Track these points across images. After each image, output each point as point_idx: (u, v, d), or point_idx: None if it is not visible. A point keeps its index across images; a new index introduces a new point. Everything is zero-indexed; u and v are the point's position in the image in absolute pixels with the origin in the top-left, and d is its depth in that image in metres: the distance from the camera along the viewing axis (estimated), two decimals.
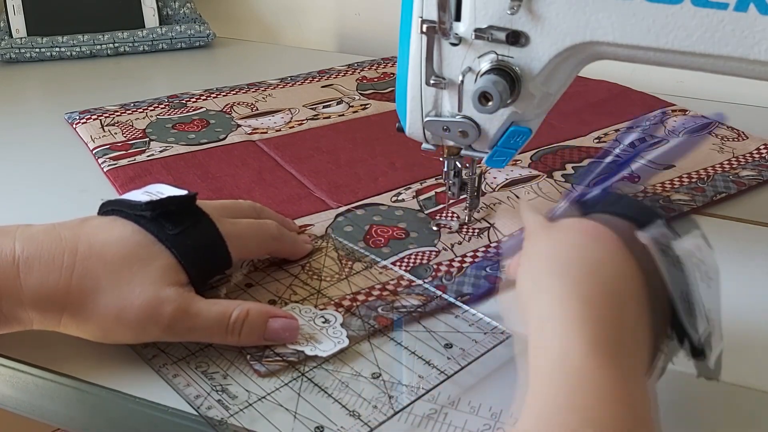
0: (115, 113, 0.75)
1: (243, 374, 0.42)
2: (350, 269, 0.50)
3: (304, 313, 0.46)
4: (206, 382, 0.41)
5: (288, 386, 0.41)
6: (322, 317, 0.45)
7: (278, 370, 0.42)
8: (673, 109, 0.77)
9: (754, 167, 0.64)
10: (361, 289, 0.48)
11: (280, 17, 1.08)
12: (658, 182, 0.61)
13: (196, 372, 0.42)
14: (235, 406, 0.39)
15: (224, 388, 0.41)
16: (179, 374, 0.42)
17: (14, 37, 0.90)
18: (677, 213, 0.57)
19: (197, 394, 0.40)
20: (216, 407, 0.39)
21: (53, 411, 0.43)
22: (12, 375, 0.43)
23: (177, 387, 0.41)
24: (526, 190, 0.61)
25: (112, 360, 0.44)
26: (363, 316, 0.45)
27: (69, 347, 0.44)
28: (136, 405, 0.41)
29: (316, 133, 0.72)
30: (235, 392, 0.40)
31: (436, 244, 0.53)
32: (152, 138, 0.70)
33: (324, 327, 0.45)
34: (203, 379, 0.41)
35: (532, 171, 0.64)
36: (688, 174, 0.63)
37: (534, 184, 0.62)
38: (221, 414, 0.39)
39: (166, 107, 0.77)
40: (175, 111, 0.76)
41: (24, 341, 0.45)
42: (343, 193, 0.60)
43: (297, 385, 0.41)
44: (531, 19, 0.44)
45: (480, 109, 0.46)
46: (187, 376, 0.41)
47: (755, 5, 0.40)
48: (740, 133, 0.70)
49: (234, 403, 0.40)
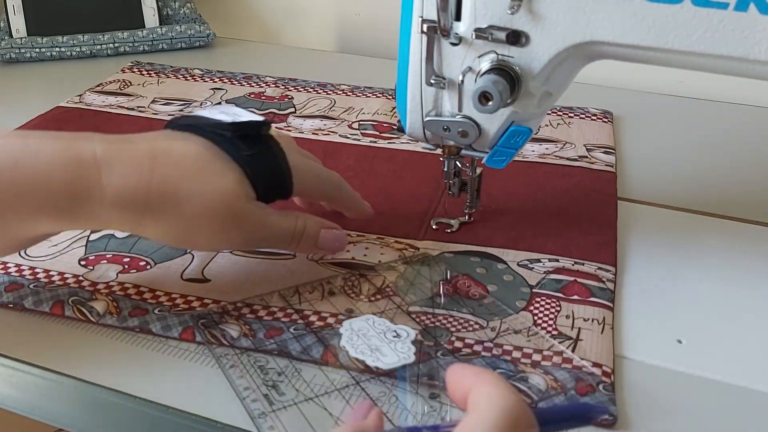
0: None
1: (298, 374, 0.42)
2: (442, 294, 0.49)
3: (378, 325, 0.45)
4: (260, 376, 0.41)
5: (339, 392, 0.40)
6: (395, 332, 0.45)
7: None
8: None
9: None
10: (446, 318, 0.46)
11: (280, 17, 1.08)
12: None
13: (254, 366, 0.42)
14: (279, 403, 0.39)
15: (275, 384, 0.41)
16: (237, 365, 0.42)
17: (14, 37, 0.90)
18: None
19: (247, 385, 0.40)
20: (261, 400, 0.39)
21: (53, 411, 0.43)
22: (12, 375, 0.43)
23: (230, 377, 0.41)
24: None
25: (112, 360, 0.44)
26: (437, 336, 0.44)
27: (69, 347, 0.44)
28: (136, 405, 0.41)
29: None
30: (285, 389, 0.40)
31: (493, 324, 0.46)
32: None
33: (393, 341, 0.44)
34: (258, 373, 0.41)
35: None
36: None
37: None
38: (264, 408, 0.39)
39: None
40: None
41: (24, 341, 0.45)
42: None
43: (348, 392, 0.40)
44: (531, 19, 0.44)
45: (480, 108, 0.46)
46: (244, 369, 0.42)
47: (755, 5, 0.40)
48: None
49: (280, 400, 0.39)
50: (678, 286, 0.51)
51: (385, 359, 0.42)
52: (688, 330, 0.47)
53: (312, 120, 0.74)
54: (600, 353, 0.44)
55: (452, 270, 0.51)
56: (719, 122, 0.77)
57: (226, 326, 0.45)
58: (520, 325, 0.46)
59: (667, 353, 0.45)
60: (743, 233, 0.57)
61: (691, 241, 0.56)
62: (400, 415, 0.39)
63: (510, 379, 0.42)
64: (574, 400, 0.40)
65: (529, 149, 0.69)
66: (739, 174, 0.67)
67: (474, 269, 0.51)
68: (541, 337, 0.45)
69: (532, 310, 0.48)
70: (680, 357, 0.45)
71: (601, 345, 0.45)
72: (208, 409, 0.40)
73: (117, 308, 0.46)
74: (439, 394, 0.40)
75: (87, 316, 0.46)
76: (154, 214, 0.42)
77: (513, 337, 0.45)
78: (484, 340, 0.45)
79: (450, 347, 0.44)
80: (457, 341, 0.45)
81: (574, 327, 0.46)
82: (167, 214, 0.43)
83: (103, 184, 0.41)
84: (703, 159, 0.69)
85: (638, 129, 0.74)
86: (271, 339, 0.44)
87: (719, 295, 0.50)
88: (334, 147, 0.69)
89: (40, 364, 0.43)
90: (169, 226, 0.43)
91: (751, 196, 0.62)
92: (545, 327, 0.46)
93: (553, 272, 0.51)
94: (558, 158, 0.67)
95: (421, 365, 0.42)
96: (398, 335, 0.44)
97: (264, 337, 0.45)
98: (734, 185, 0.65)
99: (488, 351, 0.44)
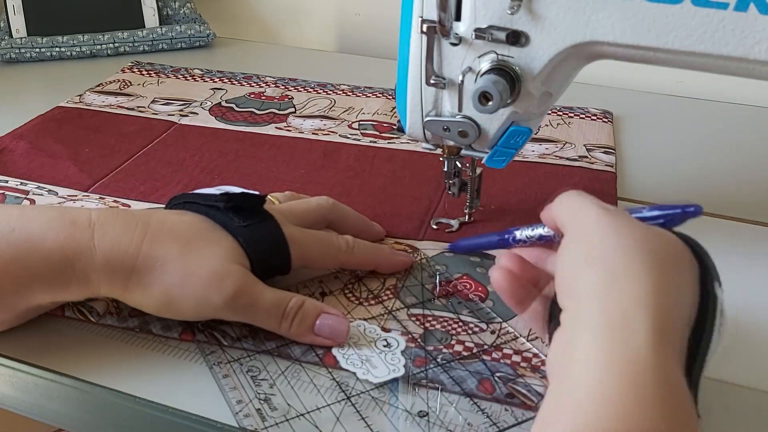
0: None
1: (290, 387, 0.41)
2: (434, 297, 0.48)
3: (369, 332, 0.45)
4: (252, 388, 0.41)
5: (330, 407, 0.40)
6: (385, 340, 0.44)
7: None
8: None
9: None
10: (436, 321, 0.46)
11: (280, 17, 1.08)
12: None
13: (246, 376, 0.42)
14: (271, 419, 0.39)
15: (267, 398, 0.40)
16: (230, 375, 0.42)
17: (14, 37, 0.90)
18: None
19: (240, 399, 0.40)
20: (253, 416, 0.39)
21: (53, 411, 0.43)
22: (12, 375, 0.43)
23: (223, 388, 0.41)
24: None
25: (112, 360, 0.44)
26: (427, 348, 0.44)
27: (69, 347, 0.44)
28: (136, 405, 0.41)
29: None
30: (277, 404, 0.40)
31: (493, 326, 0.46)
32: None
33: (384, 351, 0.44)
34: (250, 385, 0.41)
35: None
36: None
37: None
38: (256, 424, 0.39)
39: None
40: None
41: (24, 341, 0.45)
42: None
43: (339, 408, 0.40)
44: (531, 19, 0.44)
45: (480, 109, 0.46)
46: (236, 379, 0.42)
47: (755, 5, 0.40)
48: None
49: (272, 416, 0.39)
50: None
51: (375, 371, 0.42)
52: None
53: (312, 120, 0.74)
54: None
55: (452, 271, 0.51)
56: (719, 122, 0.77)
57: (226, 327, 0.45)
58: (520, 329, 0.46)
59: None
60: (743, 233, 0.57)
61: None
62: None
63: (509, 383, 0.42)
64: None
65: (529, 149, 0.69)
66: (739, 174, 0.67)
67: (474, 269, 0.51)
68: (541, 341, 0.45)
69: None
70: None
71: None
72: (208, 409, 0.40)
73: (117, 308, 0.46)
74: (427, 413, 0.40)
75: (87, 316, 0.46)
76: (140, 277, 0.42)
77: (513, 340, 0.45)
78: (484, 343, 0.45)
79: (450, 350, 0.44)
80: (456, 344, 0.45)
81: None
82: (152, 277, 0.42)
83: (94, 244, 0.42)
84: (703, 159, 0.69)
85: (638, 129, 0.74)
86: (271, 341, 0.44)
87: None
88: (334, 147, 0.69)
89: (40, 364, 0.43)
90: (152, 289, 0.42)
91: (751, 196, 0.62)
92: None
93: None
94: (558, 158, 0.67)
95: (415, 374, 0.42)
96: (388, 344, 0.44)
97: (264, 339, 0.45)
98: (734, 185, 0.65)
99: (488, 354, 0.44)
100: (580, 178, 0.64)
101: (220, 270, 0.43)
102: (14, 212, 0.43)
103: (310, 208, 0.51)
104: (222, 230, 0.45)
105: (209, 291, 0.42)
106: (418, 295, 0.49)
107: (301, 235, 0.47)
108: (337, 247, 0.49)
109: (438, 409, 0.40)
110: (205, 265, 0.42)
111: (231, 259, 0.44)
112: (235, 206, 0.46)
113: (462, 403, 0.41)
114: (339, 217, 0.52)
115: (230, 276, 0.43)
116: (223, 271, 0.43)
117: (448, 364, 0.43)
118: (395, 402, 0.41)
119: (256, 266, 0.45)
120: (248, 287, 0.43)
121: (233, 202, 0.46)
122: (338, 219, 0.52)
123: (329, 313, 0.44)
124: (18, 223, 0.42)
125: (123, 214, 0.44)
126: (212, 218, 0.45)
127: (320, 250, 0.48)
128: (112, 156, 0.67)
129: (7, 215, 0.42)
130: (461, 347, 0.44)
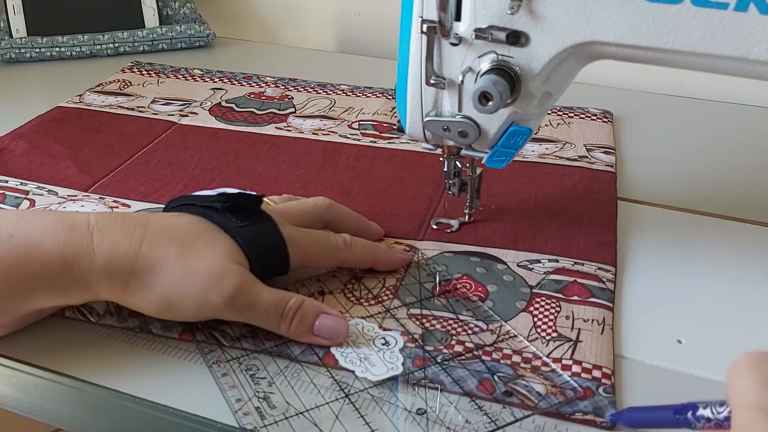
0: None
1: (289, 385, 0.41)
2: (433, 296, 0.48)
3: (367, 331, 0.45)
4: (251, 386, 0.41)
5: (329, 406, 0.40)
6: (383, 339, 0.44)
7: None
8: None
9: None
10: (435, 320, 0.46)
11: (280, 17, 1.08)
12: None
13: (245, 374, 0.42)
14: (270, 417, 0.39)
15: (266, 396, 0.40)
16: (228, 373, 0.42)
17: (14, 37, 0.90)
18: None
19: (239, 397, 0.40)
20: (252, 414, 0.39)
21: (53, 411, 0.43)
22: (12, 375, 0.43)
23: (222, 387, 0.41)
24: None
25: (112, 360, 0.44)
26: (425, 347, 0.44)
27: (69, 347, 0.44)
28: (136, 405, 0.41)
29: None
30: (276, 402, 0.40)
31: (493, 326, 0.46)
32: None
33: (382, 349, 0.44)
34: (249, 383, 0.41)
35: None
36: None
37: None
38: (255, 423, 0.39)
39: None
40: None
41: (24, 341, 0.45)
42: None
43: (338, 406, 0.40)
44: (531, 19, 0.44)
45: (480, 109, 0.46)
46: (235, 378, 0.42)
47: (755, 5, 0.40)
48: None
49: (271, 414, 0.39)
50: (678, 286, 0.51)
51: (373, 369, 0.42)
52: (688, 330, 0.47)
53: (312, 120, 0.74)
54: (600, 354, 0.44)
55: (452, 271, 0.51)
56: (719, 122, 0.77)
57: (225, 327, 0.45)
58: (521, 329, 0.46)
59: (667, 353, 0.45)
60: (743, 233, 0.57)
61: (691, 241, 0.55)
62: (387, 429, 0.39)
63: (509, 383, 0.42)
64: (574, 405, 0.40)
65: (529, 149, 0.69)
66: (739, 174, 0.67)
67: (474, 269, 0.51)
68: (541, 342, 0.45)
69: (531, 311, 0.48)
70: (680, 357, 0.45)
71: (601, 346, 0.45)
72: (208, 409, 0.40)
73: (117, 308, 0.46)
74: (426, 410, 0.40)
75: (87, 316, 0.46)
76: (140, 279, 0.42)
77: (513, 340, 0.45)
78: (484, 343, 0.45)
79: (450, 351, 0.44)
80: (456, 344, 0.45)
81: (573, 328, 0.46)
82: (152, 278, 0.42)
83: (93, 248, 0.42)
84: (703, 159, 0.69)
85: (638, 129, 0.74)
86: (270, 341, 0.44)
87: (719, 295, 0.50)
88: (334, 147, 0.69)
89: (40, 364, 0.43)
90: (151, 290, 0.42)
91: (751, 196, 0.62)
92: (545, 328, 0.46)
93: (553, 272, 0.51)
94: (558, 158, 0.67)
95: (414, 373, 0.42)
96: (387, 343, 0.44)
97: (263, 339, 0.45)
98: (734, 185, 0.65)
99: (488, 355, 0.44)
100: (580, 178, 0.64)
101: (219, 270, 0.43)
102: (13, 217, 0.43)
103: (307, 208, 0.51)
104: (220, 231, 0.45)
105: (208, 291, 0.42)
106: (417, 295, 0.49)
107: (298, 235, 0.47)
108: (334, 245, 0.49)
109: (438, 409, 0.40)
110: (204, 266, 0.43)
111: (230, 259, 0.44)
112: (233, 207, 0.46)
113: (462, 402, 0.41)
114: (336, 217, 0.52)
115: (229, 275, 0.43)
116: (222, 271, 0.43)
117: (448, 364, 0.43)
118: (394, 401, 0.41)
119: (254, 266, 0.45)
120: (247, 286, 0.43)
121: (230, 203, 0.46)
122: (336, 219, 0.52)
123: (329, 313, 0.44)
124: (17, 229, 0.42)
125: (121, 217, 0.44)
126: (210, 219, 0.46)
127: (318, 248, 0.48)
128: (112, 156, 0.67)
129: (5, 221, 0.42)
130: (461, 347, 0.44)
